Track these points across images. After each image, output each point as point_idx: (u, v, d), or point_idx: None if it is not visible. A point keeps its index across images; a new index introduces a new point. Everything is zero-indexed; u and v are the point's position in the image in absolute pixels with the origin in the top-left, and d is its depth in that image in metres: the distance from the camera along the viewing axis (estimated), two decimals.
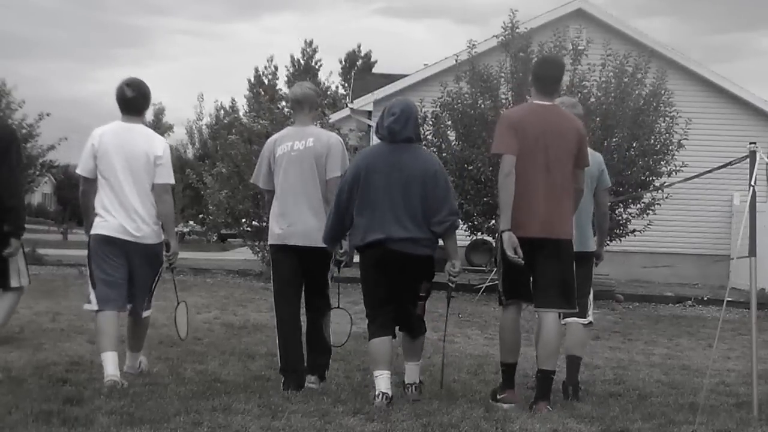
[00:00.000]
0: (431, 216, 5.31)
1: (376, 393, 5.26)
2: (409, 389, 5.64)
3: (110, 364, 5.48)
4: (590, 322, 6.24)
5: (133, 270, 5.71)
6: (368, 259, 5.44)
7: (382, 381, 5.27)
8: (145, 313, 5.94)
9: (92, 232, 5.66)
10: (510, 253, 5.21)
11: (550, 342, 5.39)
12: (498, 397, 5.58)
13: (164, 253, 5.89)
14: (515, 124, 5.31)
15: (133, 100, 5.77)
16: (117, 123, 5.81)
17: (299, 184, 5.74)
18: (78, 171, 5.77)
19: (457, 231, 5.57)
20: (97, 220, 5.66)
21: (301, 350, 5.84)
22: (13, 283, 5.96)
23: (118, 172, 5.62)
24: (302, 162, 5.73)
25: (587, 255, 6.03)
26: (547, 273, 5.33)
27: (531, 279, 5.43)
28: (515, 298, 5.50)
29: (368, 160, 5.39)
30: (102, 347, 5.55)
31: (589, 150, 6.00)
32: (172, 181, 5.84)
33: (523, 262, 5.22)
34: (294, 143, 5.77)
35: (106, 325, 5.58)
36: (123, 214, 5.61)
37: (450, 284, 5.59)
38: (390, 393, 5.27)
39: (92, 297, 5.65)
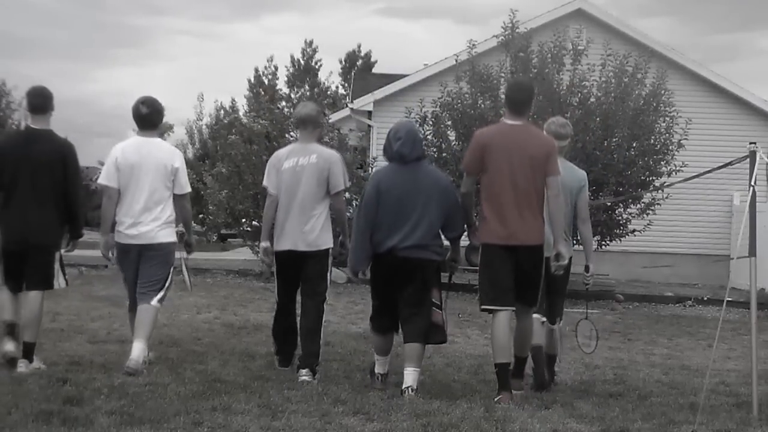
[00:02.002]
0: (447, 224, 5.94)
1: (375, 373, 6.03)
2: (406, 392, 5.75)
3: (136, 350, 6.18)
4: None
5: (142, 264, 6.29)
6: (379, 267, 5.96)
7: (380, 364, 6.04)
8: (154, 302, 6.27)
9: (116, 240, 6.35)
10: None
11: (523, 335, 6.03)
12: (494, 400, 5.68)
13: (185, 248, 6.67)
14: (482, 146, 5.84)
15: (148, 116, 6.39)
16: (135, 138, 6.46)
17: (301, 196, 6.32)
18: (102, 181, 6.34)
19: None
20: (116, 229, 6.32)
21: (294, 336, 6.46)
22: (56, 285, 6.33)
23: (138, 183, 6.23)
24: (306, 177, 6.33)
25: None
26: (519, 275, 5.81)
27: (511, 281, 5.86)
28: (500, 304, 5.79)
29: (384, 181, 5.98)
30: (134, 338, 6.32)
31: (573, 166, 6.64)
32: (189, 189, 6.50)
33: (474, 267, 5.91)
34: (299, 159, 6.37)
35: (134, 321, 6.40)
36: (139, 221, 6.23)
37: (450, 268, 6.24)
38: (385, 373, 6.02)
39: (128, 298, 6.50)
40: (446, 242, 6.12)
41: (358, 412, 5.15)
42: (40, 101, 6.29)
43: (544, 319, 6.39)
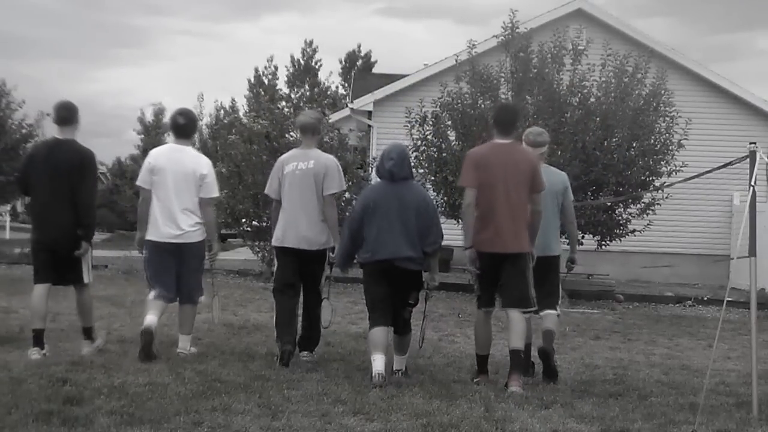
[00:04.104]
0: (423, 238, 6.43)
1: (374, 373, 6.12)
2: (396, 374, 6.46)
3: (150, 317, 6.65)
4: (558, 315, 7.08)
5: (180, 266, 6.82)
6: (372, 271, 6.50)
7: (378, 362, 6.19)
8: (194, 301, 7.01)
9: (147, 237, 6.83)
10: (470, 266, 6.38)
11: (516, 330, 6.34)
12: (474, 380, 6.36)
13: (207, 252, 7.01)
14: (477, 162, 6.36)
15: (184, 126, 6.97)
16: (170, 145, 7.07)
17: (300, 198, 6.86)
18: (138, 183, 6.93)
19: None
20: (149, 227, 6.82)
21: (294, 331, 6.88)
22: (85, 279, 6.90)
23: (169, 186, 6.75)
24: (304, 180, 6.86)
25: (553, 258, 6.92)
26: (510, 280, 6.32)
27: (497, 285, 6.42)
28: (486, 305, 6.47)
29: (374, 195, 6.59)
30: (148, 310, 6.75)
31: (555, 170, 7.19)
32: (216, 194, 7.03)
33: (478, 272, 6.35)
34: (299, 164, 6.91)
35: (154, 307, 6.77)
36: (170, 221, 6.75)
37: (427, 291, 6.65)
38: (384, 372, 6.15)
39: (152, 292, 6.83)
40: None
41: (358, 412, 5.15)
42: (66, 114, 6.83)
43: (548, 311, 6.88)
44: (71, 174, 6.65)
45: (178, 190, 6.76)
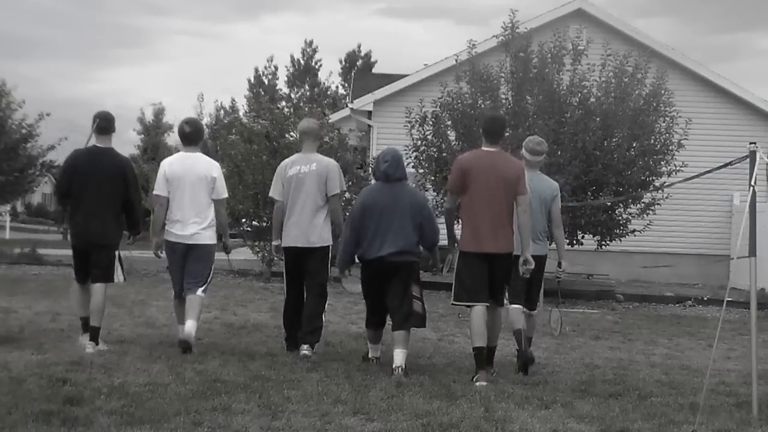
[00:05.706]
0: (422, 235, 6.91)
1: (370, 356, 7.01)
2: (396, 371, 6.51)
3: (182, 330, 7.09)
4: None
5: (188, 262, 7.19)
6: (368, 269, 6.93)
7: (374, 350, 7.06)
8: (199, 292, 7.17)
9: (165, 238, 7.27)
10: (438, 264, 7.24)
11: (495, 327, 6.73)
12: (473, 379, 6.35)
13: (222, 246, 7.65)
14: (464, 169, 6.72)
15: (191, 134, 7.36)
16: (180, 153, 7.44)
17: (303, 199, 7.25)
18: (157, 192, 7.32)
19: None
20: (166, 229, 7.25)
21: (298, 321, 7.28)
22: (117, 279, 7.31)
23: (183, 191, 7.18)
24: (306, 182, 7.26)
25: (538, 258, 7.04)
26: (493, 277, 6.61)
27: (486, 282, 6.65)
28: (476, 301, 6.55)
29: (372, 196, 7.00)
30: (178, 321, 7.38)
31: (547, 177, 7.60)
32: (225, 195, 7.47)
33: (443, 273, 7.25)
34: (301, 167, 7.33)
35: (179, 309, 7.33)
36: (183, 225, 7.18)
37: (432, 272, 7.46)
38: (380, 356, 7.00)
39: (174, 292, 7.39)
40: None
41: (358, 412, 5.16)
42: (106, 124, 7.32)
43: (525, 309, 7.23)
44: (116, 181, 7.16)
45: (194, 194, 7.18)
